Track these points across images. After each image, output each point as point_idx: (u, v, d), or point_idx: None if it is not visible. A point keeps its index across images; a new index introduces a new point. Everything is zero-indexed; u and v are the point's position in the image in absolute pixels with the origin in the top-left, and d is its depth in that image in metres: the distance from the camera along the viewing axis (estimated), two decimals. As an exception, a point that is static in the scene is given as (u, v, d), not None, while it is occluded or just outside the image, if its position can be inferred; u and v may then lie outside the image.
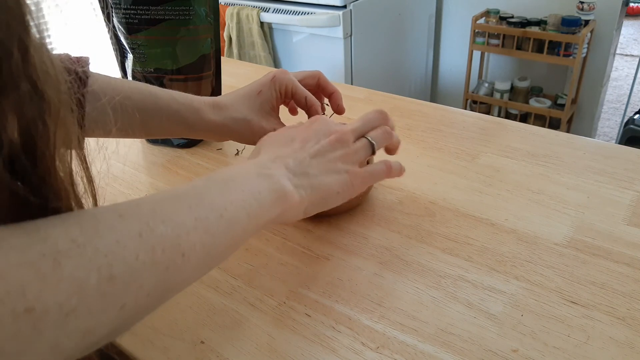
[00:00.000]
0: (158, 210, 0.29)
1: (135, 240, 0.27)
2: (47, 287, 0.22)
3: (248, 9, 1.88)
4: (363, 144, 0.44)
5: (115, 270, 0.25)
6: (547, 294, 0.42)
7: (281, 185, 0.37)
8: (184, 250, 0.29)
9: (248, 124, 0.51)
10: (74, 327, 0.23)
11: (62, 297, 0.23)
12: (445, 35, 2.43)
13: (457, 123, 0.70)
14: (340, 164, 0.41)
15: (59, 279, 0.23)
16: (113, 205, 0.28)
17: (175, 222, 0.29)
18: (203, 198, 0.32)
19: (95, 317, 0.24)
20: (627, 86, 3.01)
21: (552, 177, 0.57)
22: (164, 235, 0.28)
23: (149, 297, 0.27)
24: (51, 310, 0.22)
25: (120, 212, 0.28)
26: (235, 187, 0.35)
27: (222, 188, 0.34)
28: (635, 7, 4.06)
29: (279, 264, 0.47)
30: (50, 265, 0.23)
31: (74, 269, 0.23)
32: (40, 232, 0.24)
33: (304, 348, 0.39)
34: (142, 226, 0.28)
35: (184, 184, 0.34)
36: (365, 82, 1.93)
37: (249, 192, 0.35)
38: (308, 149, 0.41)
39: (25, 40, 0.22)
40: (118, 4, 0.60)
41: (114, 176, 0.63)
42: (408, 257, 0.47)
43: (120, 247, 0.26)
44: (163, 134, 0.53)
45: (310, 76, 0.54)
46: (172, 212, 0.30)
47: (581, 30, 1.90)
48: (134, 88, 0.50)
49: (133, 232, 0.27)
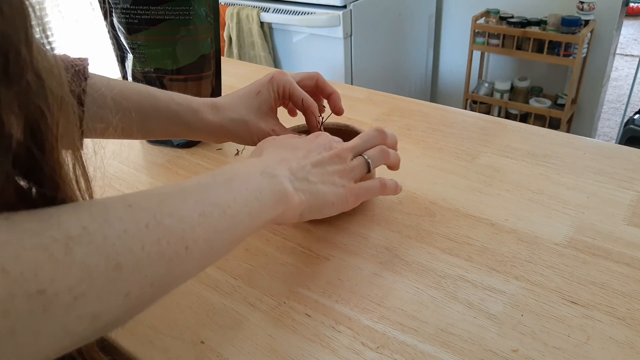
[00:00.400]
0: (165, 203, 0.30)
1: (142, 231, 0.28)
2: (58, 271, 0.23)
3: (248, 9, 1.88)
4: (359, 162, 0.45)
5: (122, 258, 0.26)
6: (547, 294, 0.42)
7: (283, 187, 0.38)
8: (187, 243, 0.30)
9: (246, 125, 0.51)
10: (83, 311, 0.24)
11: (72, 281, 0.23)
12: (445, 35, 2.42)
13: (457, 123, 0.70)
14: (337, 178, 0.43)
15: (70, 264, 0.24)
16: (123, 196, 0.29)
17: (181, 216, 0.30)
18: (208, 194, 0.33)
19: (102, 302, 0.25)
20: (627, 86, 3.01)
21: (552, 177, 0.57)
22: (170, 228, 0.29)
23: (152, 287, 0.28)
24: (62, 293, 0.23)
25: (129, 202, 0.29)
26: (239, 185, 0.36)
27: (226, 185, 0.35)
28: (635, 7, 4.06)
29: (279, 264, 0.47)
30: (62, 250, 0.23)
31: (84, 255, 0.24)
32: (53, 218, 0.24)
33: (304, 348, 0.39)
34: (150, 218, 0.28)
35: (190, 179, 0.35)
36: (365, 82, 1.93)
37: (251, 190, 0.36)
38: (310, 158, 0.42)
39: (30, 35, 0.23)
40: (118, 4, 0.60)
41: (114, 176, 0.63)
42: (408, 257, 0.47)
43: (127, 236, 0.27)
44: (161, 134, 0.53)
45: (309, 77, 0.55)
46: (179, 206, 0.31)
47: (581, 30, 1.90)
48: (132, 89, 0.50)
49: (141, 223, 0.28)
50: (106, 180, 0.62)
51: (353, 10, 1.74)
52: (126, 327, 0.41)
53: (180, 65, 0.64)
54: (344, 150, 0.44)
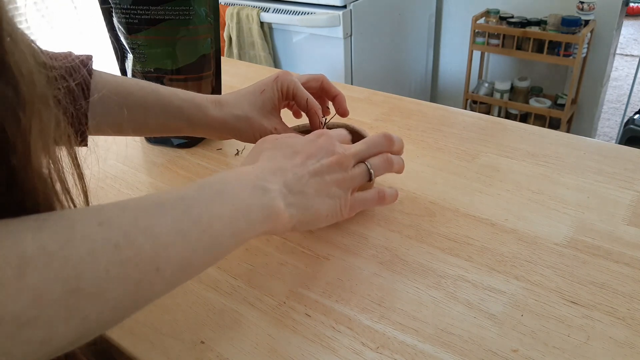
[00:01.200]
0: (141, 219, 0.28)
1: (109, 252, 0.26)
2: (5, 296, 0.21)
3: (248, 9, 1.88)
4: (361, 171, 0.43)
5: (82, 283, 0.24)
6: (547, 294, 0.42)
7: (274, 203, 0.37)
8: (159, 264, 0.28)
9: (249, 122, 0.51)
10: (29, 338, 0.23)
11: (19, 307, 0.22)
12: (445, 35, 2.42)
13: (457, 123, 0.70)
14: (335, 188, 0.41)
15: (19, 289, 0.22)
16: (96, 209, 0.28)
17: (156, 234, 0.28)
18: (190, 210, 0.31)
19: (53, 328, 0.24)
20: (627, 86, 3.01)
21: (552, 177, 0.57)
22: (141, 248, 0.27)
23: (114, 311, 0.27)
24: (5, 320, 0.21)
25: (101, 219, 0.27)
26: (227, 199, 0.34)
27: (212, 200, 0.33)
28: (635, 7, 4.06)
29: (279, 264, 0.47)
30: (14, 273, 0.22)
31: (38, 280, 0.23)
32: (10, 236, 0.23)
33: (304, 348, 0.39)
34: (120, 236, 0.27)
35: (176, 190, 0.33)
36: (365, 82, 1.93)
37: (239, 206, 0.34)
38: (309, 166, 0.40)
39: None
40: (118, 4, 0.60)
41: (114, 176, 0.63)
42: (408, 257, 0.47)
43: (91, 258, 0.25)
44: (165, 131, 0.53)
45: (314, 79, 0.55)
46: (155, 223, 0.29)
47: (581, 30, 1.90)
48: (136, 85, 0.50)
49: (109, 243, 0.26)
50: (106, 181, 0.62)
51: (353, 10, 1.74)
52: (126, 327, 0.41)
53: (180, 65, 0.64)
54: (347, 157, 0.42)
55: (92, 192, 0.31)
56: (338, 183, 0.41)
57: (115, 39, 0.65)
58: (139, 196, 0.31)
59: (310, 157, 0.41)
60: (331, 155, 0.41)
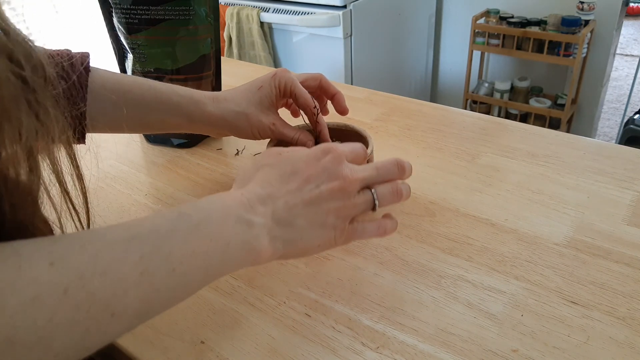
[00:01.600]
0: (101, 257, 0.26)
1: (56, 298, 0.23)
2: None
3: (248, 9, 1.88)
4: (365, 200, 0.38)
5: (20, 334, 0.22)
6: (547, 294, 0.42)
7: (257, 239, 0.33)
8: (114, 309, 0.26)
9: (247, 117, 0.51)
10: None
11: None
12: (445, 35, 2.42)
13: (457, 123, 0.70)
14: (332, 218, 0.36)
15: None
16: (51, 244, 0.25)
17: (116, 276, 0.26)
18: (161, 246, 0.29)
19: None
20: (627, 86, 3.01)
21: (552, 177, 0.57)
22: (96, 292, 0.25)
23: (56, 358, 0.24)
24: None
25: (53, 258, 0.24)
26: (204, 233, 0.31)
27: (189, 233, 0.30)
28: (635, 7, 4.06)
29: (279, 264, 0.47)
30: None
31: None
32: None
33: (304, 348, 0.39)
34: (72, 280, 0.24)
35: (153, 218, 0.31)
36: (365, 82, 1.93)
37: (217, 242, 0.31)
38: (305, 192, 0.36)
39: None
40: (118, 4, 0.60)
41: (114, 176, 0.63)
42: (408, 257, 0.47)
43: (34, 306, 0.22)
44: (163, 127, 0.53)
45: (312, 78, 0.54)
46: (118, 261, 0.26)
47: (581, 30, 1.90)
48: (134, 82, 0.50)
49: (58, 288, 0.23)
50: (106, 181, 0.62)
51: (353, 10, 1.74)
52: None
53: (180, 65, 0.64)
54: (352, 183, 0.37)
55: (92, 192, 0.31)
56: (337, 211, 0.36)
57: (115, 39, 0.65)
58: (112, 224, 0.29)
59: (309, 181, 0.36)
60: (334, 180, 0.36)
